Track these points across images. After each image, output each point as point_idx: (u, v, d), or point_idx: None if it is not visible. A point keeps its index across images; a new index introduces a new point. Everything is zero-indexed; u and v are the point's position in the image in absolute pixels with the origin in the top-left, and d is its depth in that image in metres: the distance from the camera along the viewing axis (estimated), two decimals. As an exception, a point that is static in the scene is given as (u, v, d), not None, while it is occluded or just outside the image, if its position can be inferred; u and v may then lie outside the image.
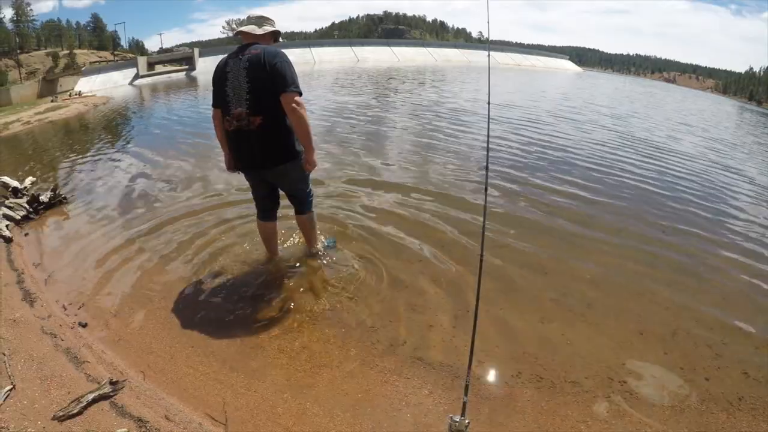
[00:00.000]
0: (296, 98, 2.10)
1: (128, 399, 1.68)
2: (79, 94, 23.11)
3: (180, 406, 1.67)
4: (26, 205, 3.79)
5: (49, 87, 33.24)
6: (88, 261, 2.91)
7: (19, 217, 3.64)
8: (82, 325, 2.19)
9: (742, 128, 14.85)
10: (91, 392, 1.68)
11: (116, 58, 45.27)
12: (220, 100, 2.24)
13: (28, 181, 4.44)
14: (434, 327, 2.15)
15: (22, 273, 2.75)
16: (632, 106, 15.50)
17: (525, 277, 2.63)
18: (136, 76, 33.08)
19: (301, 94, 2.14)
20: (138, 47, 61.31)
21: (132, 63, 35.98)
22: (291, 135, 2.23)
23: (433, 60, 44.83)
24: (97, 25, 59.01)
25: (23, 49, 46.91)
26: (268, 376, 1.83)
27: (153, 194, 4.28)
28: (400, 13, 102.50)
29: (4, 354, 1.91)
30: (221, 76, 2.21)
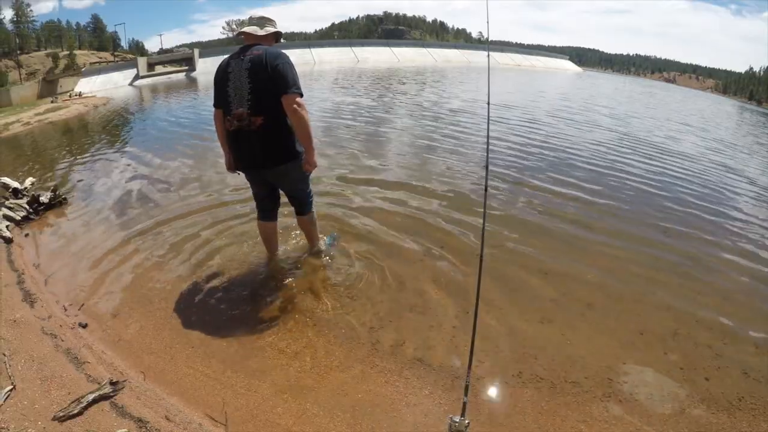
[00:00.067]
0: (297, 99, 2.11)
1: (128, 399, 1.68)
2: (79, 95, 23.13)
3: (180, 407, 1.67)
4: (26, 205, 3.79)
5: (49, 88, 33.26)
6: (88, 261, 2.91)
7: (19, 218, 3.64)
8: (83, 325, 2.19)
9: (742, 128, 14.85)
10: (92, 393, 1.68)
11: (116, 59, 45.34)
12: (222, 100, 2.24)
13: (28, 182, 4.44)
14: (434, 327, 2.15)
15: (23, 273, 2.75)
16: (632, 106, 15.51)
17: (525, 277, 2.63)
18: (136, 77, 33.12)
19: (302, 95, 2.15)
20: (138, 48, 61.26)
21: (132, 64, 36.02)
22: (292, 135, 2.23)
23: (433, 60, 44.87)
24: (97, 25, 59.02)
25: (23, 50, 46.91)
26: (268, 377, 1.83)
27: (152, 195, 4.28)
28: (400, 14, 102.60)
29: (5, 354, 1.92)
30: (223, 76, 2.22)
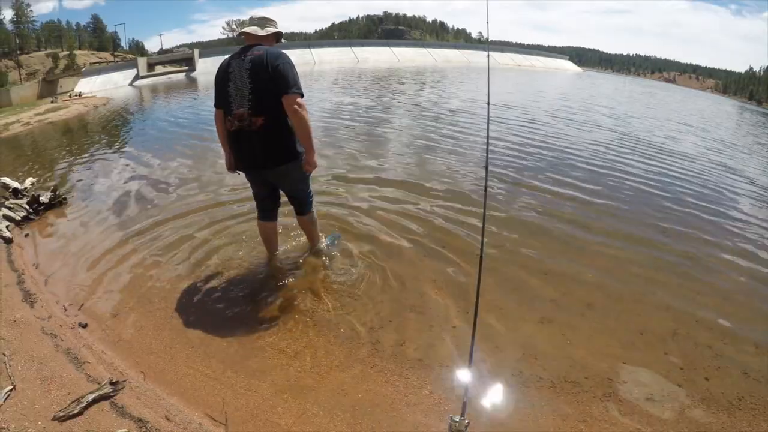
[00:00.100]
0: (298, 100, 2.12)
1: (128, 399, 1.68)
2: (79, 95, 23.11)
3: (180, 407, 1.67)
4: (26, 205, 3.79)
5: (49, 88, 33.24)
6: (88, 261, 2.91)
7: (19, 218, 3.64)
8: (83, 325, 2.20)
9: (742, 128, 14.86)
10: (92, 393, 1.68)
11: (116, 59, 45.30)
12: (222, 100, 2.25)
13: (28, 182, 4.44)
14: (435, 327, 2.15)
15: (23, 274, 2.75)
16: (632, 106, 15.51)
17: (525, 277, 2.63)
18: (136, 77, 33.09)
19: (302, 95, 2.15)
20: (138, 48, 61.26)
21: (132, 64, 35.99)
22: (292, 136, 2.24)
23: (432, 60, 44.87)
24: (97, 26, 59.02)
25: (23, 50, 46.91)
26: (268, 377, 1.83)
27: (151, 195, 4.28)
28: (400, 14, 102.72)
29: (5, 354, 1.92)
30: (224, 76, 2.23)
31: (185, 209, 3.73)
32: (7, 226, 3.44)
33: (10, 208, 3.71)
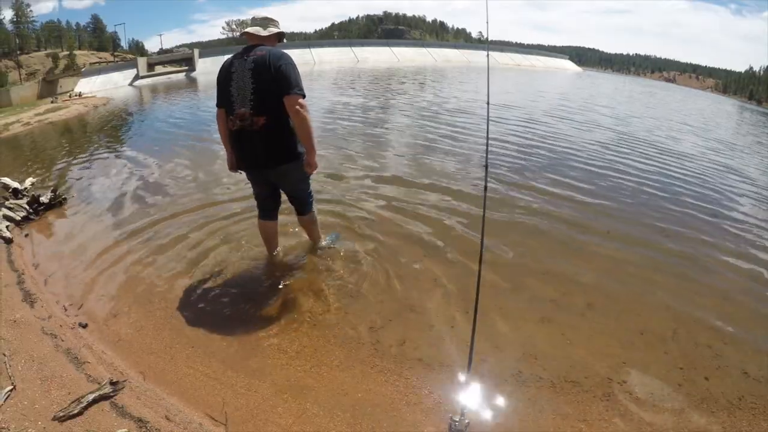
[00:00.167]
0: (300, 100, 2.12)
1: (128, 399, 1.68)
2: (79, 95, 23.10)
3: (180, 406, 1.67)
4: (26, 206, 3.80)
5: (49, 88, 33.25)
6: (87, 261, 2.91)
7: (19, 218, 3.65)
8: (83, 325, 2.20)
9: (742, 128, 14.86)
10: (92, 392, 1.68)
11: (116, 59, 45.29)
12: (225, 100, 2.25)
13: (28, 182, 4.44)
14: (434, 327, 2.15)
15: (23, 274, 2.75)
16: (632, 105, 15.51)
17: (525, 277, 2.63)
18: (136, 77, 33.08)
19: (304, 96, 2.16)
20: (138, 48, 61.20)
21: (132, 64, 35.97)
22: (293, 136, 2.24)
23: (432, 60, 44.85)
24: (97, 26, 59.03)
25: (23, 50, 46.92)
26: (268, 376, 1.83)
27: (151, 195, 4.28)
28: (400, 14, 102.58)
29: (5, 354, 1.92)
30: (226, 76, 2.23)
31: (184, 209, 3.74)
32: (7, 226, 3.44)
33: (10, 208, 3.71)
